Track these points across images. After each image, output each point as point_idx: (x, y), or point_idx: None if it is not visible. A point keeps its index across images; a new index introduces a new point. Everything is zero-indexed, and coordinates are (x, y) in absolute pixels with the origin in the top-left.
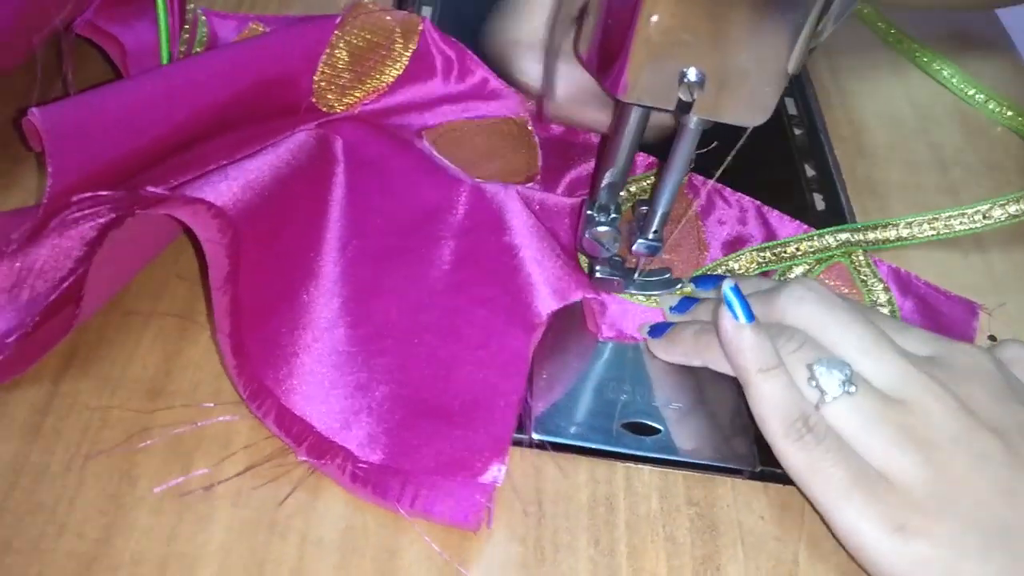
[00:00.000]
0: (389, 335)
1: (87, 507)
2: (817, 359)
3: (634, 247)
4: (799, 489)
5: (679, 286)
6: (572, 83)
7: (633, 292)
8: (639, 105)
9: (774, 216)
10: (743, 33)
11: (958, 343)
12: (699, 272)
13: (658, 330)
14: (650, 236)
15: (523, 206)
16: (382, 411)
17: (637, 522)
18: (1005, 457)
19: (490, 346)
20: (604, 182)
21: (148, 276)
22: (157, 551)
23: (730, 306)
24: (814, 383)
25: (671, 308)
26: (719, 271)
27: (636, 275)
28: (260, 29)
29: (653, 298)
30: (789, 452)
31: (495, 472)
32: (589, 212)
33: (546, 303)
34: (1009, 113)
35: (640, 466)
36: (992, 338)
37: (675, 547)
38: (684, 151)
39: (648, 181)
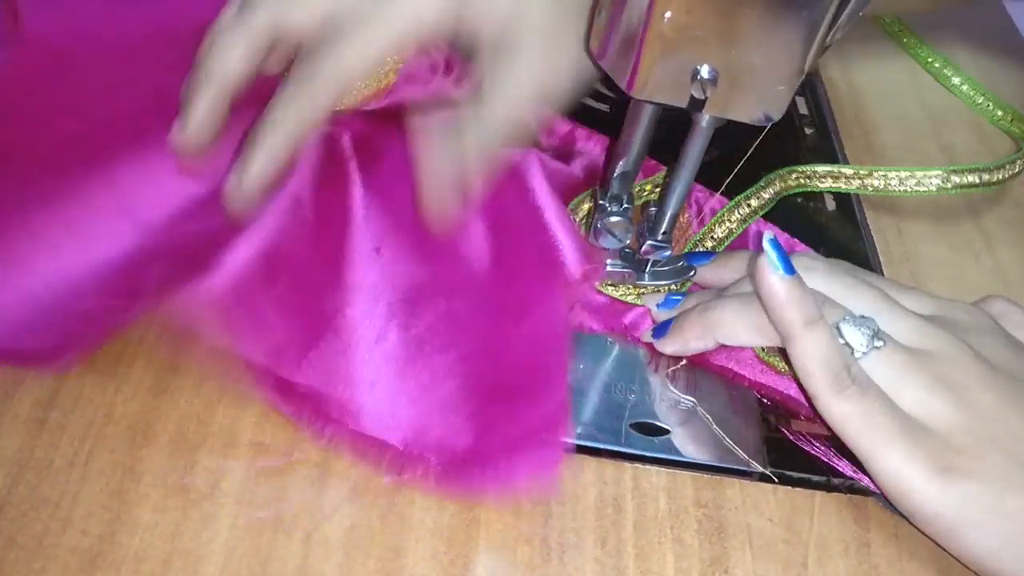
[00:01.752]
0: (441, 328)
1: (91, 503)
2: (842, 317)
3: (643, 249)
4: (842, 441)
5: (692, 274)
6: None
7: (646, 283)
8: (650, 102)
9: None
10: (757, 30)
11: (954, 301)
12: (688, 248)
13: (660, 330)
14: (659, 237)
15: (540, 168)
16: (450, 407)
17: (645, 523)
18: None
19: (533, 316)
20: (616, 172)
21: None
22: (161, 548)
23: (772, 259)
24: (842, 340)
25: (659, 306)
26: (707, 243)
27: (648, 266)
28: None
29: (640, 294)
30: (834, 404)
31: (563, 435)
32: (601, 202)
33: (575, 261)
34: (1011, 119)
35: (648, 467)
36: None
37: (683, 549)
38: (696, 150)
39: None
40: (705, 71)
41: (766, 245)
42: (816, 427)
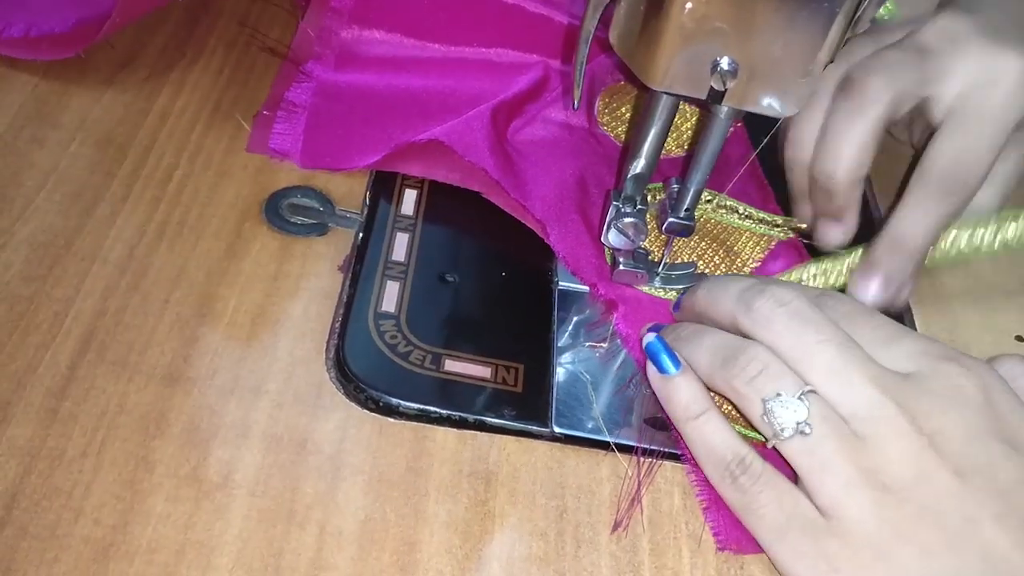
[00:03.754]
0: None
1: (103, 493)
2: (774, 393)
3: (664, 226)
4: None
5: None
6: None
7: (657, 286)
8: (670, 94)
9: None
10: (777, 21)
11: (949, 361)
12: None
13: (677, 305)
14: (682, 214)
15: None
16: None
17: (659, 518)
18: (961, 504)
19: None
20: (630, 173)
21: (166, 260)
22: (174, 538)
23: (655, 359)
24: (767, 419)
25: (674, 309)
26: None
27: (660, 268)
28: None
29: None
30: (726, 493)
31: None
32: (615, 203)
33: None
34: None
35: (663, 462)
36: (1020, 338)
37: (697, 544)
38: (715, 140)
39: None
40: (725, 63)
41: (648, 345)
42: None
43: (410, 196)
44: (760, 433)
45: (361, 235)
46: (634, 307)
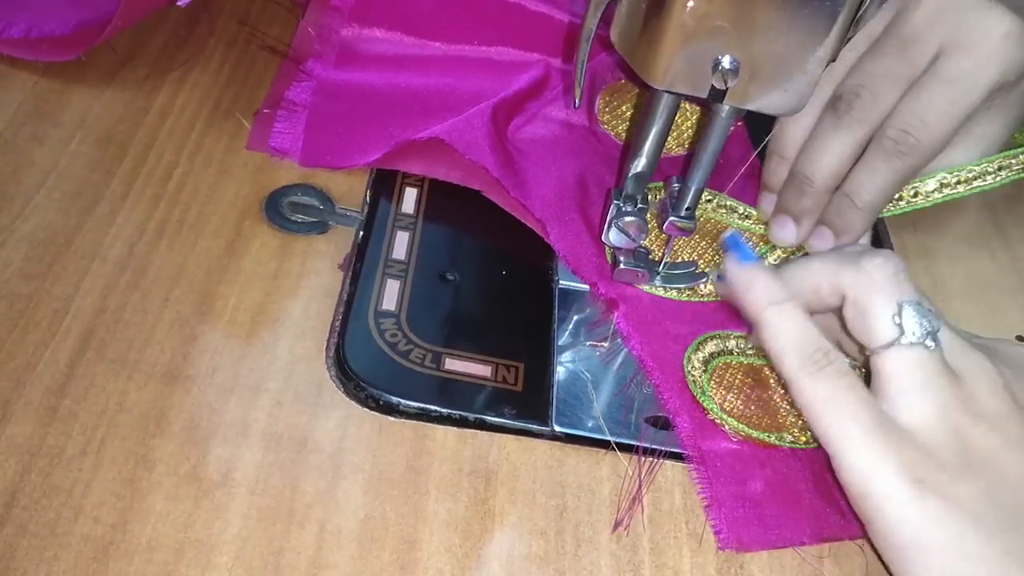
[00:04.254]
0: None
1: (103, 491)
2: (913, 299)
3: (665, 225)
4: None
5: (704, 280)
6: None
7: (657, 285)
8: (671, 92)
9: None
10: (779, 20)
11: (1000, 340)
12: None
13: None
14: (683, 213)
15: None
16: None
17: (660, 517)
18: None
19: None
20: (631, 172)
21: (166, 259)
22: (173, 537)
23: (735, 249)
24: (897, 320)
25: (717, 278)
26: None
27: (661, 267)
28: None
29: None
30: (807, 385)
31: None
32: (616, 202)
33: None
34: None
35: (664, 461)
36: (1020, 338)
37: (698, 543)
38: (716, 139)
39: None
40: (726, 61)
41: (727, 239)
42: None
43: (410, 195)
44: (861, 340)
45: (361, 233)
46: (635, 306)
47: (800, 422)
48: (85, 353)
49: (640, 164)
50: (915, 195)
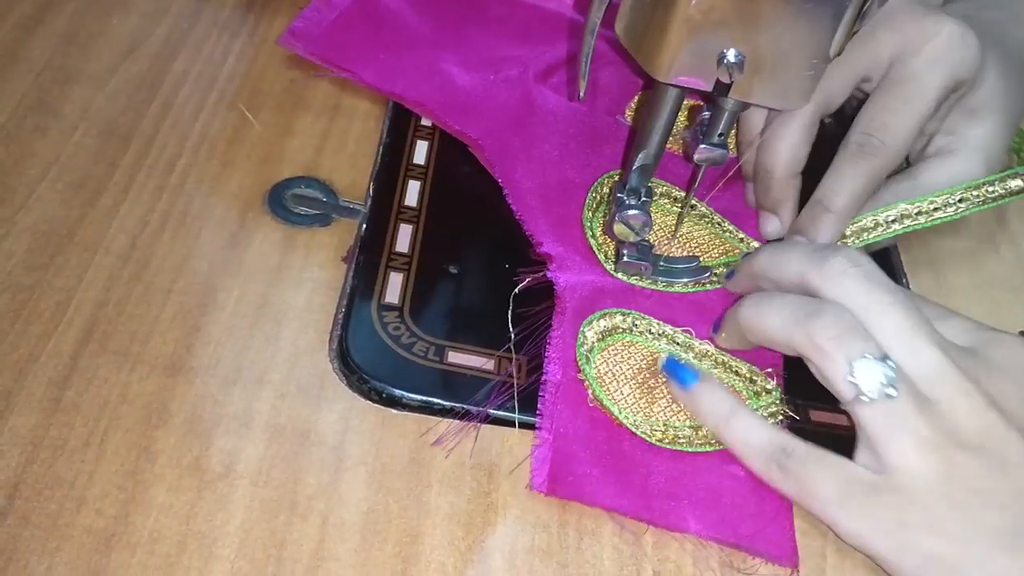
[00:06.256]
0: None
1: (106, 483)
2: (861, 353)
3: (696, 154)
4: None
5: (707, 275)
6: None
7: (658, 278)
8: (675, 86)
9: None
10: (785, 14)
11: (999, 334)
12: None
13: (716, 324)
14: (715, 139)
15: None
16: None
17: None
18: None
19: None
20: (635, 165)
21: (169, 251)
22: (176, 529)
23: (675, 374)
24: (851, 379)
25: (727, 279)
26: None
27: (662, 261)
28: None
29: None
30: (777, 480)
31: None
32: (619, 195)
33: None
34: None
35: None
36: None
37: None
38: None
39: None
40: (732, 55)
41: (663, 367)
42: (837, 417)
43: (414, 187)
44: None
45: (365, 226)
46: (570, 264)
47: (675, 421)
48: (88, 345)
49: (644, 157)
50: (875, 225)
